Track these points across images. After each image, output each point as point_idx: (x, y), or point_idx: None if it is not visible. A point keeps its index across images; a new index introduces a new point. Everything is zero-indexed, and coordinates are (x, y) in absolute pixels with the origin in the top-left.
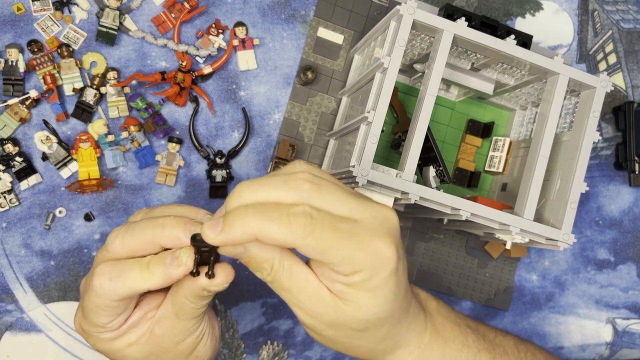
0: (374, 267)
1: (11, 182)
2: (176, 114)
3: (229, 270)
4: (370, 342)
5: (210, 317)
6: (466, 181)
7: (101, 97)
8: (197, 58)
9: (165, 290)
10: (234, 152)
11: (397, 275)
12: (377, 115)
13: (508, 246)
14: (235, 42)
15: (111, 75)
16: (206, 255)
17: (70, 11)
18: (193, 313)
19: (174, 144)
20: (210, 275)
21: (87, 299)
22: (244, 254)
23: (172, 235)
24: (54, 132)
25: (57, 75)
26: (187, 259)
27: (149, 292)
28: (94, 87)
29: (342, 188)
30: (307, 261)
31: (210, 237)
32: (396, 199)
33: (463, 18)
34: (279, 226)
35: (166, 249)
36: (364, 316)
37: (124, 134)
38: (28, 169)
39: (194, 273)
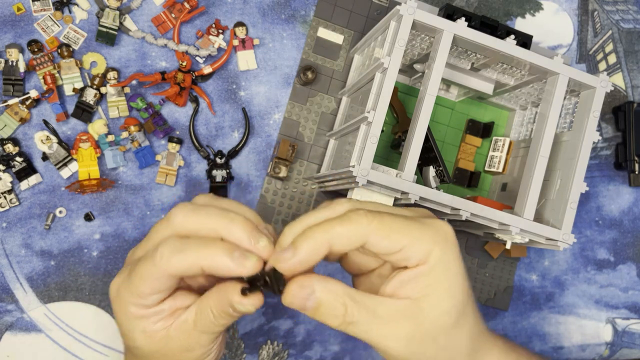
0: (442, 242)
1: (11, 182)
2: (176, 114)
3: (260, 297)
4: (462, 343)
5: (222, 338)
6: (466, 181)
7: (101, 97)
8: (197, 58)
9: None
10: (234, 152)
11: (460, 255)
12: (377, 115)
13: (508, 246)
14: (235, 42)
15: (111, 75)
16: (256, 278)
17: (70, 11)
18: (211, 328)
19: (174, 144)
20: (248, 292)
21: (140, 265)
22: (312, 296)
23: (237, 233)
24: (54, 132)
25: (57, 75)
26: (252, 266)
27: (185, 290)
28: (94, 87)
29: (401, 217)
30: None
31: (284, 258)
32: (396, 199)
33: (463, 18)
34: (343, 226)
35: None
36: (450, 305)
37: (124, 134)
38: (28, 169)
39: (245, 287)
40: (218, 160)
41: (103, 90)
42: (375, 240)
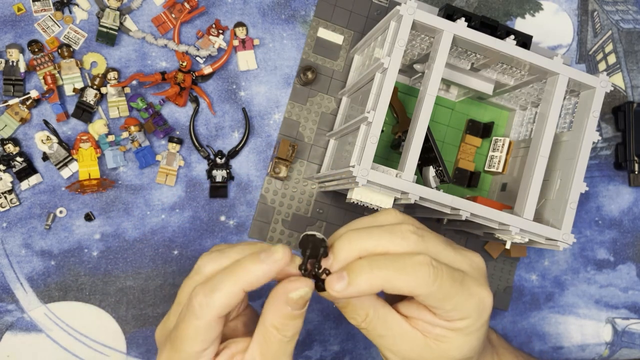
0: (479, 314)
1: (12, 182)
2: (176, 114)
3: (308, 279)
4: None
5: None
6: (466, 181)
7: (101, 97)
8: (198, 58)
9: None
10: (234, 152)
11: (488, 318)
12: (377, 115)
13: (508, 246)
14: (236, 43)
15: (111, 75)
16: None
17: (70, 11)
18: (282, 348)
19: (174, 144)
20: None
21: (181, 327)
22: (344, 296)
23: (261, 275)
24: (54, 132)
25: (57, 75)
26: (282, 256)
27: (231, 339)
28: (95, 87)
29: (440, 237)
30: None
31: (338, 288)
32: (396, 199)
33: (463, 18)
34: (405, 276)
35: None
36: (457, 356)
37: (125, 134)
38: (28, 169)
39: (304, 269)
40: (218, 160)
41: (103, 90)
42: (426, 298)
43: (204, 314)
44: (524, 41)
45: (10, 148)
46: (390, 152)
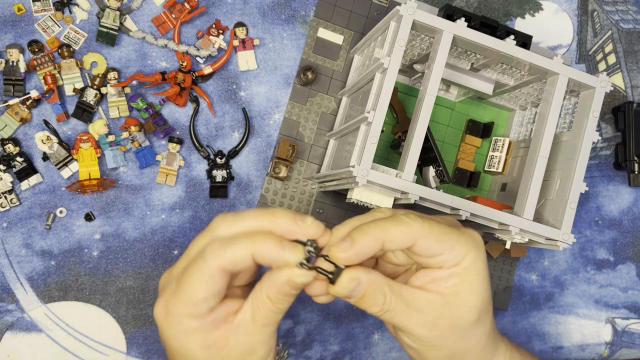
0: (476, 248)
1: (12, 182)
2: (176, 114)
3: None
4: (479, 338)
5: (275, 342)
6: (466, 181)
7: (102, 98)
8: (198, 58)
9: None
10: (234, 152)
11: (486, 260)
12: (377, 115)
13: (507, 246)
14: (236, 43)
15: (112, 75)
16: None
17: (70, 11)
18: (270, 317)
19: (174, 144)
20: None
21: (190, 271)
22: (359, 287)
23: (282, 221)
24: (54, 132)
25: (57, 75)
26: (300, 254)
27: (229, 298)
28: (95, 87)
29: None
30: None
31: (343, 247)
32: (396, 199)
33: (463, 18)
34: (402, 227)
35: None
36: (476, 303)
37: (125, 134)
38: (29, 169)
39: (304, 263)
40: (218, 160)
41: (103, 90)
42: (423, 243)
43: (213, 260)
44: (524, 41)
45: (11, 148)
46: (390, 152)
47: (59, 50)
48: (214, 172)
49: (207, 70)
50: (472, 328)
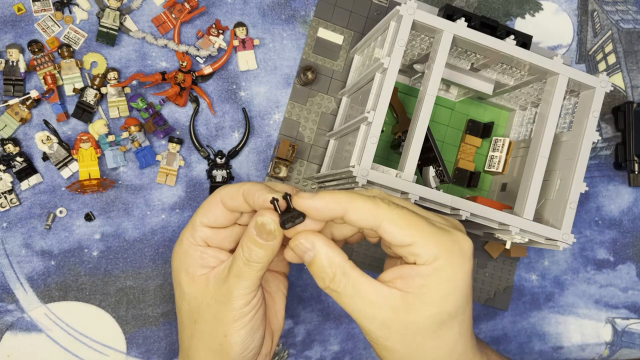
0: (452, 252)
1: (12, 182)
2: (176, 114)
3: (277, 216)
4: (442, 353)
5: (263, 319)
6: (466, 181)
7: (102, 98)
8: (198, 58)
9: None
10: (234, 152)
11: (470, 273)
12: (377, 115)
13: (508, 246)
14: (236, 43)
15: (112, 75)
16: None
17: (70, 11)
18: (243, 270)
19: (174, 144)
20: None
21: (205, 201)
22: (310, 252)
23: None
24: (54, 132)
25: (57, 75)
26: (276, 192)
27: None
28: (95, 87)
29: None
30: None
31: (305, 196)
32: None
33: (463, 18)
34: (365, 202)
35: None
36: (439, 311)
37: (125, 134)
38: (29, 169)
39: (275, 201)
40: (218, 160)
41: (103, 90)
42: (388, 228)
43: (216, 194)
44: (524, 41)
45: (10, 148)
46: (390, 152)
47: (59, 50)
48: (214, 172)
49: (207, 70)
50: (431, 338)
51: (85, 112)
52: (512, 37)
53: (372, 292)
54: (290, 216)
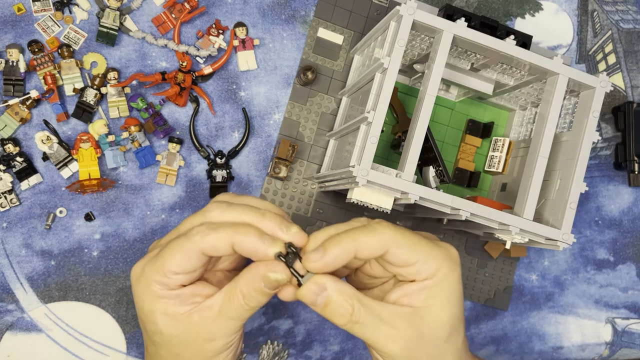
0: (449, 262)
1: (12, 182)
2: (176, 114)
3: (288, 271)
4: (451, 357)
5: (239, 341)
6: (466, 181)
7: (102, 98)
8: (198, 58)
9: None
10: (234, 152)
11: (460, 277)
12: (377, 115)
13: (508, 246)
14: (236, 43)
15: (112, 75)
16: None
17: (70, 11)
18: (239, 313)
19: (174, 144)
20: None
21: (173, 243)
22: (323, 293)
23: (269, 225)
24: (54, 132)
25: (57, 75)
26: (278, 248)
27: (205, 281)
28: (95, 87)
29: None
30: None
31: (314, 259)
32: (396, 199)
33: (463, 18)
34: (374, 235)
35: None
36: (448, 318)
37: (125, 134)
38: (29, 169)
39: (282, 257)
40: (218, 160)
41: (103, 90)
42: (396, 251)
43: (194, 241)
44: (524, 41)
45: (10, 148)
46: (390, 152)
47: (59, 50)
48: (214, 172)
49: (207, 70)
50: (444, 345)
51: (85, 112)
52: (512, 37)
53: (390, 314)
54: (298, 270)
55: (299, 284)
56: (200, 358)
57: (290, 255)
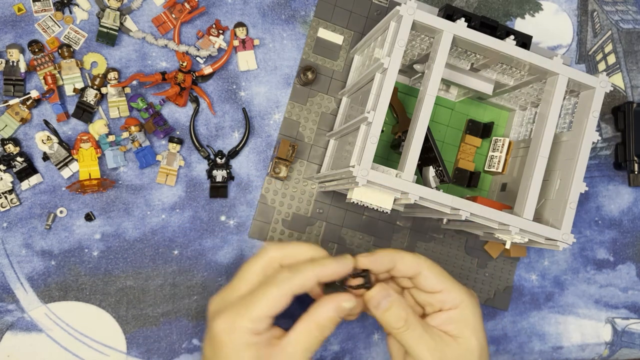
0: (471, 296)
1: (12, 182)
2: (177, 114)
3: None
4: None
5: None
6: (466, 181)
7: (102, 98)
8: (198, 58)
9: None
10: (234, 152)
11: (481, 314)
12: (377, 115)
13: (507, 246)
14: (236, 43)
15: (112, 75)
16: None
17: (71, 12)
18: (313, 343)
19: (174, 144)
20: (365, 287)
21: (260, 292)
22: (388, 298)
23: (333, 271)
24: (54, 132)
25: (57, 75)
26: (351, 263)
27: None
28: (95, 87)
29: None
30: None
31: (365, 255)
32: (396, 199)
33: (463, 19)
34: (408, 255)
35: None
36: (476, 345)
37: (125, 134)
38: (29, 169)
39: (353, 277)
40: (218, 160)
41: (104, 90)
42: (426, 274)
43: (284, 285)
44: (524, 41)
45: (11, 148)
46: (390, 152)
47: (59, 51)
48: (214, 172)
49: (207, 70)
50: None
51: (85, 112)
52: (512, 37)
53: (431, 330)
54: (364, 284)
55: (367, 287)
56: None
57: (357, 270)
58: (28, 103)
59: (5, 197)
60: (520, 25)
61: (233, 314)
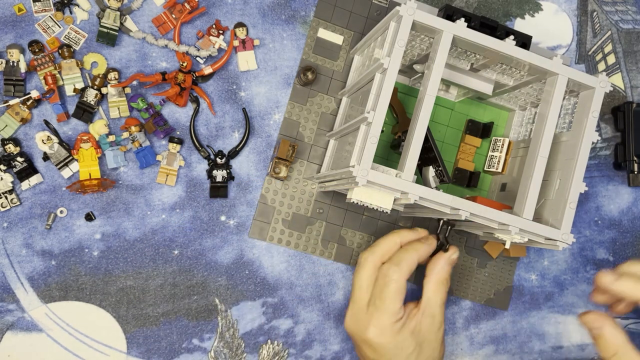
0: None
1: (12, 182)
2: (177, 114)
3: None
4: None
5: None
6: (466, 181)
7: (102, 98)
8: (198, 59)
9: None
10: (235, 152)
11: None
12: (377, 115)
13: (507, 246)
14: (236, 43)
15: (112, 75)
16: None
17: (71, 12)
18: (444, 292)
19: (174, 144)
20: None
21: (384, 294)
22: (599, 330)
23: (408, 237)
24: (55, 132)
25: (58, 75)
26: (433, 238)
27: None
28: (95, 87)
29: None
30: None
31: (606, 274)
32: (396, 199)
33: (462, 19)
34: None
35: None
36: None
37: (125, 134)
38: (29, 169)
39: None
40: (218, 161)
41: (104, 90)
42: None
43: (398, 278)
44: (524, 41)
45: (11, 148)
46: (390, 152)
47: (60, 51)
48: (214, 172)
49: (208, 70)
50: None
51: (85, 112)
52: (512, 37)
53: None
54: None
55: (445, 250)
56: (435, 343)
57: (444, 225)
58: (28, 103)
59: (6, 197)
60: (520, 25)
61: (374, 320)
